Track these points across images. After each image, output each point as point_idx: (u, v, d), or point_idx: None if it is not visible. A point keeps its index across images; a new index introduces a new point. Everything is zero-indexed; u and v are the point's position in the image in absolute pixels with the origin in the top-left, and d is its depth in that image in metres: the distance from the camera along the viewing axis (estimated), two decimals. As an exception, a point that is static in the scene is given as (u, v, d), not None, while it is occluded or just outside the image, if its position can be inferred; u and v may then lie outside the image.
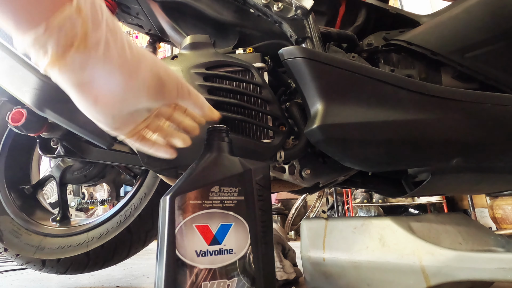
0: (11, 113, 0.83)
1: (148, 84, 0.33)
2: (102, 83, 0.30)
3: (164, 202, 0.36)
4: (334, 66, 0.58)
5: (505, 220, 2.63)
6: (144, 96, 0.33)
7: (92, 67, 0.28)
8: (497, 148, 0.60)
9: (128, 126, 0.37)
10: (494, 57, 0.64)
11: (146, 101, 0.34)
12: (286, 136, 0.64)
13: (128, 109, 0.34)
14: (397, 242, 0.64)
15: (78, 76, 0.28)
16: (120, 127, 0.36)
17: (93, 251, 0.95)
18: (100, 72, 0.29)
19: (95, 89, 0.30)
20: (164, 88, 0.35)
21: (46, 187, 1.20)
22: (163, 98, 0.36)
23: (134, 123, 0.37)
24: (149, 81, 0.33)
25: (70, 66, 0.27)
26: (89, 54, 0.27)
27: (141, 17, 0.92)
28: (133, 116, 0.36)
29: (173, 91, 0.36)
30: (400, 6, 3.50)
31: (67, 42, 0.25)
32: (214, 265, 0.36)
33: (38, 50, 0.25)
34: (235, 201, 0.39)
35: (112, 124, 0.35)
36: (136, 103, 0.34)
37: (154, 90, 0.34)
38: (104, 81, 0.30)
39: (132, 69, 0.31)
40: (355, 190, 3.38)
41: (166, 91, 0.35)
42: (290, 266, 0.94)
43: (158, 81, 0.34)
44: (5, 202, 1.06)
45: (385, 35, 0.72)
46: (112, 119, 0.34)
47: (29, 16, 0.24)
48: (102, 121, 0.34)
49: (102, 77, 0.29)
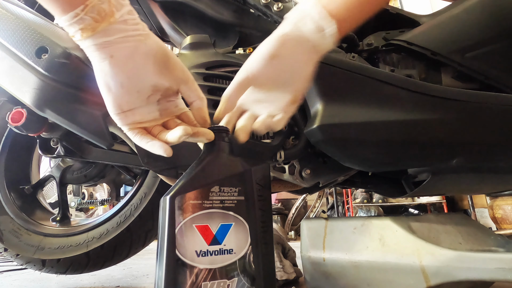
0: (11, 113, 0.83)
1: (155, 53, 0.39)
2: (118, 45, 0.37)
3: (164, 202, 0.36)
4: (334, 66, 0.58)
5: (505, 220, 2.63)
6: (151, 63, 0.39)
7: (113, 34, 0.37)
8: (497, 148, 0.60)
9: (133, 115, 0.40)
10: (494, 57, 0.64)
11: (152, 69, 0.39)
12: (286, 136, 0.64)
13: (137, 76, 0.39)
14: (397, 242, 0.64)
15: (102, 40, 0.36)
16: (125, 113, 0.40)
17: (93, 251, 0.95)
18: (118, 38, 0.37)
19: (112, 49, 0.37)
20: (169, 63, 0.40)
21: (46, 187, 1.20)
22: (167, 73, 0.40)
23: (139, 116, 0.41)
24: (155, 50, 0.39)
25: (99, 35, 0.36)
26: (113, 26, 0.36)
27: (141, 17, 0.92)
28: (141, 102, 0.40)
29: (177, 69, 0.41)
30: (400, 6, 3.51)
31: (98, 17, 0.35)
32: (214, 265, 0.36)
33: (76, 24, 0.35)
34: (235, 201, 0.39)
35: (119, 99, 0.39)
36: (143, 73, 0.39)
37: (160, 60, 0.39)
38: (120, 44, 0.37)
39: (142, 38, 0.38)
40: (355, 190, 3.38)
41: (170, 66, 0.40)
42: (290, 266, 0.94)
43: (164, 54, 0.39)
44: (5, 202, 1.06)
45: (385, 35, 0.72)
46: (120, 88, 0.38)
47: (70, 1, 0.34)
48: (112, 89, 0.38)
49: (118, 41, 0.37)
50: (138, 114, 0.41)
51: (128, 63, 0.38)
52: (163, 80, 0.40)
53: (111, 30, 0.36)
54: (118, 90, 0.39)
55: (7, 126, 1.06)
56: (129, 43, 0.38)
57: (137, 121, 0.41)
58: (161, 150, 0.39)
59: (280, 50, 0.44)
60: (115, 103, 0.39)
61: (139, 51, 0.38)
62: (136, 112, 0.40)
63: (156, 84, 0.40)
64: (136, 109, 0.40)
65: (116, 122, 0.40)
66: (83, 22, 0.35)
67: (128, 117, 0.40)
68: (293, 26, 0.44)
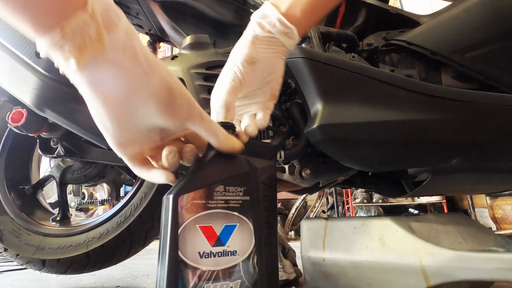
0: (11, 113, 0.83)
1: (158, 93, 0.32)
2: (113, 84, 0.31)
3: (167, 201, 0.35)
4: (334, 66, 0.58)
5: (505, 220, 2.63)
6: (153, 104, 0.33)
7: (104, 68, 0.29)
8: (497, 148, 0.60)
9: (132, 147, 0.36)
10: (494, 57, 0.64)
11: (155, 110, 0.33)
12: (286, 136, 0.64)
13: (135, 119, 0.34)
14: (397, 242, 0.64)
15: (91, 76, 0.30)
16: (124, 146, 0.36)
17: (93, 251, 0.95)
18: (112, 73, 0.30)
19: (105, 90, 0.31)
20: (174, 102, 0.34)
21: (46, 187, 1.20)
22: (172, 114, 0.34)
23: (139, 146, 0.37)
24: (160, 90, 0.32)
25: (83, 67, 0.28)
26: (102, 56, 0.29)
27: (141, 17, 0.92)
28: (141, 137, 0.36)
29: (184, 108, 0.34)
30: (400, 6, 3.50)
31: (81, 44, 0.27)
32: (218, 266, 0.35)
33: (55, 52, 0.28)
34: (240, 201, 0.38)
35: (116, 135, 0.34)
36: (143, 114, 0.33)
37: (164, 101, 0.33)
38: (115, 83, 0.31)
39: (143, 74, 0.31)
40: (355, 190, 3.38)
41: (175, 106, 0.34)
42: (290, 266, 0.94)
43: (169, 93, 0.33)
44: (5, 202, 1.06)
45: (385, 35, 0.72)
46: (117, 128, 0.34)
47: (45, 21, 0.26)
48: (108, 128, 0.34)
49: (113, 79, 0.30)
50: (138, 145, 0.37)
51: (124, 106, 0.32)
52: (167, 121, 0.35)
53: (101, 63, 0.29)
54: (114, 129, 0.34)
55: (7, 126, 1.06)
56: (125, 82, 0.31)
57: (137, 152, 0.37)
58: (162, 179, 0.36)
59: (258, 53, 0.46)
60: (112, 139, 0.35)
61: (139, 93, 0.32)
62: (136, 143, 0.36)
63: (159, 124, 0.35)
64: (135, 141, 0.36)
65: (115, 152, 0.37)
66: (62, 50, 0.27)
67: (127, 150, 0.36)
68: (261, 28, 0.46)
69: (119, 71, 0.30)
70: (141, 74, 0.31)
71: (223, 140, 0.37)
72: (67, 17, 0.27)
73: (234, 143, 0.38)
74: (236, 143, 0.38)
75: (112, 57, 0.29)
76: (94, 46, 0.28)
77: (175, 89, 0.34)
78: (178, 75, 0.67)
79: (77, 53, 0.27)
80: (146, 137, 0.36)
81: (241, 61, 0.46)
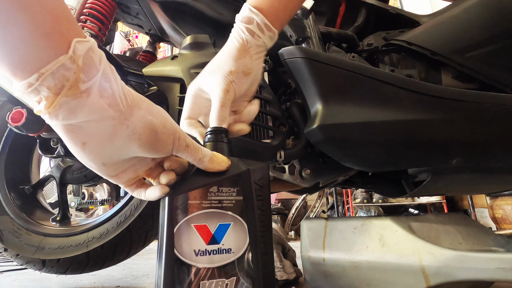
0: (11, 113, 0.83)
1: (139, 135, 0.32)
2: (90, 130, 0.30)
3: (164, 202, 0.37)
4: (334, 66, 0.58)
5: (505, 220, 2.63)
6: (135, 147, 0.32)
7: (80, 113, 0.29)
8: (497, 148, 0.60)
9: (126, 175, 0.37)
10: (494, 57, 0.64)
11: (138, 151, 0.33)
12: (286, 136, 0.64)
13: (119, 158, 0.34)
14: (397, 242, 0.64)
15: (67, 119, 0.29)
16: (118, 176, 0.36)
17: (93, 251, 0.95)
18: (89, 118, 0.29)
19: (83, 135, 0.30)
20: (158, 140, 0.33)
21: (46, 187, 1.20)
22: (156, 150, 0.34)
23: (133, 173, 0.37)
24: (140, 131, 0.32)
25: (59, 110, 0.28)
26: (78, 99, 0.28)
27: (141, 17, 0.92)
28: (131, 166, 0.36)
29: (168, 144, 0.34)
30: (400, 6, 3.50)
31: (57, 87, 0.27)
32: (213, 264, 0.37)
33: (31, 96, 0.27)
34: (234, 201, 0.39)
35: (105, 171, 0.34)
36: (127, 152, 0.33)
37: (147, 140, 0.33)
38: (92, 128, 0.30)
39: (121, 117, 0.31)
40: (355, 190, 3.38)
41: (159, 143, 0.34)
42: (290, 266, 0.94)
43: (151, 132, 0.33)
44: (5, 202, 1.06)
45: (385, 35, 0.72)
46: (102, 166, 0.33)
47: (25, 64, 0.26)
48: (93, 167, 0.34)
49: (90, 124, 0.30)
50: (131, 172, 0.37)
51: (104, 148, 0.32)
52: (151, 155, 0.35)
53: (77, 107, 0.28)
54: (100, 167, 0.34)
55: (7, 126, 1.06)
56: (104, 127, 0.30)
57: (132, 178, 0.37)
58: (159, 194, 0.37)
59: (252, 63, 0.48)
60: (100, 173, 0.35)
61: (118, 136, 0.31)
62: (127, 172, 0.37)
63: (144, 158, 0.36)
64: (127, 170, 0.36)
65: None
66: (39, 94, 0.27)
67: (121, 178, 0.36)
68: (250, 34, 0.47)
69: (96, 114, 0.29)
70: (119, 117, 0.31)
71: (208, 165, 0.38)
72: (47, 61, 0.26)
73: (219, 165, 0.39)
74: (221, 165, 0.39)
75: (88, 101, 0.28)
76: (70, 90, 0.27)
77: (157, 127, 0.33)
78: (178, 75, 0.67)
79: (52, 97, 0.27)
80: (137, 165, 0.37)
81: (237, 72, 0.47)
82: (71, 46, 0.27)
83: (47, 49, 0.26)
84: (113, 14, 0.89)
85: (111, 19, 0.88)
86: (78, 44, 0.27)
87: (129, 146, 0.32)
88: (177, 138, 0.35)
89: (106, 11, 0.86)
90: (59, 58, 0.26)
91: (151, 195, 0.37)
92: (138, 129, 0.32)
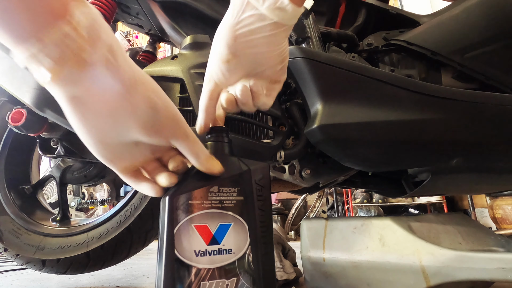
0: (11, 113, 0.83)
1: (141, 112, 0.31)
2: (92, 102, 0.29)
3: (164, 203, 0.36)
4: (334, 66, 0.58)
5: (505, 220, 2.63)
6: (134, 124, 0.31)
7: (84, 83, 0.28)
8: (497, 148, 0.60)
9: (123, 162, 0.36)
10: (494, 57, 0.64)
11: (137, 130, 0.32)
12: (286, 136, 0.64)
13: (117, 138, 0.33)
14: (397, 242, 0.64)
15: (70, 90, 0.28)
16: (113, 161, 0.35)
17: (93, 251, 0.95)
18: (92, 89, 0.28)
19: (84, 106, 0.29)
20: (158, 121, 0.32)
21: (46, 187, 1.20)
22: (155, 132, 0.33)
23: (130, 161, 0.36)
24: (142, 108, 0.31)
25: (62, 81, 0.27)
26: (82, 70, 0.27)
27: (141, 17, 0.92)
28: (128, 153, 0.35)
29: (168, 127, 0.33)
30: (400, 6, 3.50)
31: (60, 57, 0.26)
32: (213, 264, 0.36)
33: (32, 63, 0.26)
34: (234, 201, 0.39)
35: (102, 151, 0.34)
36: (126, 133, 0.32)
37: (147, 120, 0.32)
38: (94, 100, 0.29)
39: (125, 92, 0.30)
40: (355, 190, 3.38)
41: (159, 125, 0.33)
42: (290, 266, 0.94)
43: (153, 112, 0.32)
44: (5, 202, 1.06)
45: (385, 35, 0.72)
46: (100, 144, 0.33)
47: (23, 30, 0.25)
48: (91, 145, 0.33)
49: (92, 96, 0.29)
50: (128, 160, 0.36)
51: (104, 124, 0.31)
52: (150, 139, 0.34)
53: (80, 78, 0.27)
54: (97, 144, 0.33)
55: (7, 126, 1.06)
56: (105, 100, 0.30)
57: (127, 166, 0.36)
58: (152, 193, 0.37)
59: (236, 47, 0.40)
60: (97, 155, 0.34)
61: (120, 112, 0.30)
62: (124, 158, 0.36)
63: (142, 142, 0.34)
64: (123, 156, 0.35)
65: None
66: (40, 63, 0.26)
67: (116, 164, 0.36)
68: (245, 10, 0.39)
69: (100, 88, 0.29)
70: (123, 92, 0.30)
71: (203, 162, 0.37)
72: (45, 27, 0.25)
73: (214, 166, 0.37)
74: (215, 167, 0.38)
75: (93, 73, 0.27)
76: (74, 60, 0.26)
77: (159, 107, 0.32)
78: (178, 75, 0.67)
79: (55, 67, 0.26)
80: (134, 152, 0.36)
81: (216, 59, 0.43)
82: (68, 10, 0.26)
83: (46, 14, 0.25)
84: (113, 14, 0.89)
85: (111, 19, 0.88)
86: (79, 12, 0.26)
87: (128, 124, 0.31)
88: (177, 124, 0.34)
89: (106, 11, 0.86)
90: (58, 24, 0.25)
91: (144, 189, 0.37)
92: (140, 106, 0.31)
